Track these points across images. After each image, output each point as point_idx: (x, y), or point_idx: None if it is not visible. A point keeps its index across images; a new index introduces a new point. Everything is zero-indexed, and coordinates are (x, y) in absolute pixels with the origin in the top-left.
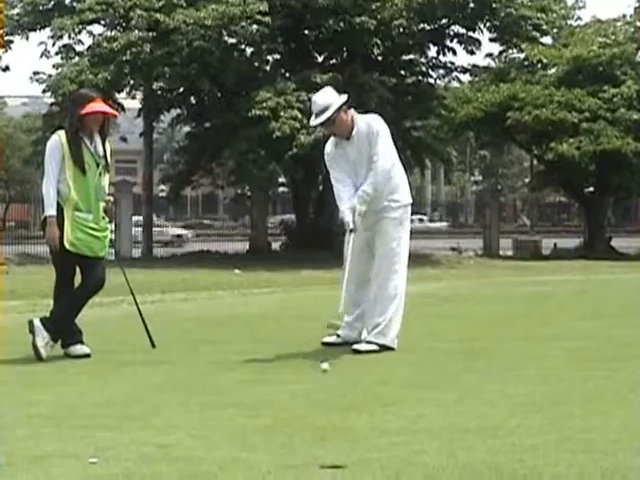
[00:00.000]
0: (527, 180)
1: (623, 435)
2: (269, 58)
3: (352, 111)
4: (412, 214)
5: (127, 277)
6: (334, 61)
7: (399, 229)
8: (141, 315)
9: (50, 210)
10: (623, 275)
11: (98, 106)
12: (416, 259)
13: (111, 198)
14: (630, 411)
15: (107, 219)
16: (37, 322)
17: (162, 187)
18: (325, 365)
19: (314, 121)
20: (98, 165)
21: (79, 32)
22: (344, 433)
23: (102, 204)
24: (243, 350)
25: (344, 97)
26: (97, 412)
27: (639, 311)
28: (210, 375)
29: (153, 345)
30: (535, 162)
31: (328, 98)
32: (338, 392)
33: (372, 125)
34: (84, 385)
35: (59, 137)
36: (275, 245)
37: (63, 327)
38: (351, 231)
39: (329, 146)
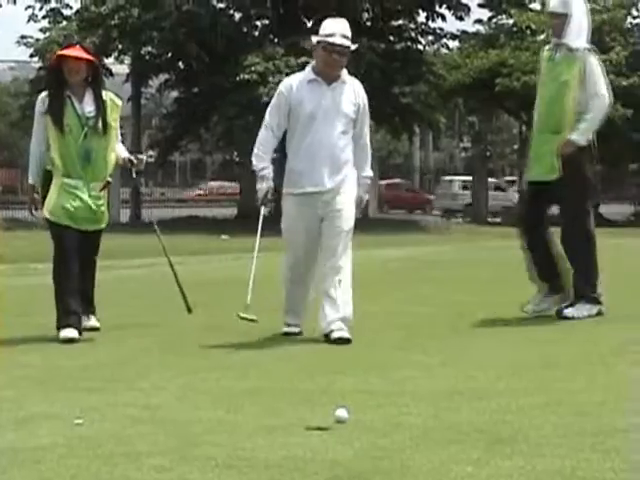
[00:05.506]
0: (516, 147)
1: (608, 397)
2: (258, 23)
3: None
4: None
5: (162, 240)
6: None
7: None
8: (176, 278)
9: (30, 176)
10: (610, 240)
11: (66, 51)
12: (404, 225)
13: (109, 179)
14: (614, 373)
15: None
16: None
17: (150, 152)
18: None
19: (340, 39)
20: (84, 127)
21: None
22: (330, 395)
23: (103, 171)
24: (230, 313)
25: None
26: (84, 375)
27: (623, 278)
28: (197, 338)
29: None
30: (524, 128)
31: (349, 32)
32: (324, 356)
33: (361, 93)
34: (72, 348)
35: (45, 95)
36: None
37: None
38: (263, 204)
39: (294, 81)
